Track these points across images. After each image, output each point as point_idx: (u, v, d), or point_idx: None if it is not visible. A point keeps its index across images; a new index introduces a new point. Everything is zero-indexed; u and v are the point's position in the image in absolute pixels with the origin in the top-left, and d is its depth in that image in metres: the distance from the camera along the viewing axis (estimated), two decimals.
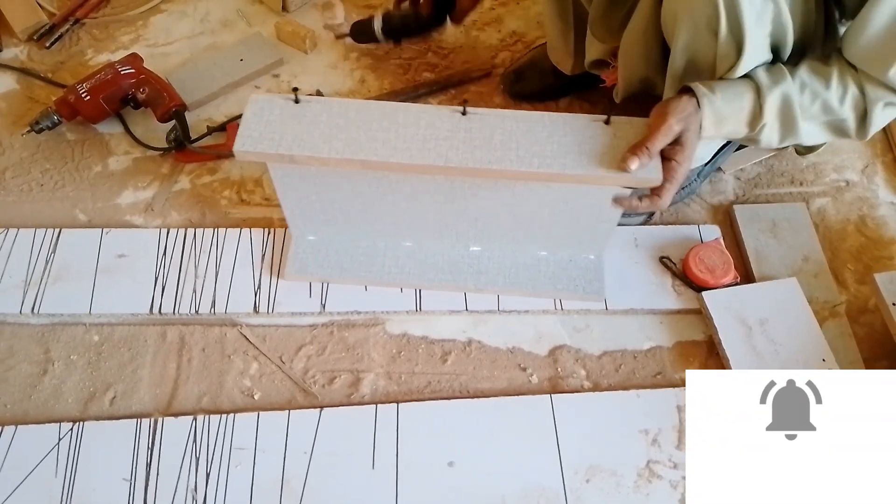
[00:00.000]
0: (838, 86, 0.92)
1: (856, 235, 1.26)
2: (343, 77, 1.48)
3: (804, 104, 0.93)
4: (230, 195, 1.28)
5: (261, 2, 1.60)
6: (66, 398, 1.06)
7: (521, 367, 1.11)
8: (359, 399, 1.07)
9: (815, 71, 0.93)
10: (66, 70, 1.47)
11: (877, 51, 0.89)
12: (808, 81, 0.92)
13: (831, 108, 0.93)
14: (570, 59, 1.30)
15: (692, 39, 0.93)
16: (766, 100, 0.92)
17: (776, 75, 0.93)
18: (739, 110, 0.94)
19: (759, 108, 0.93)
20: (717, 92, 0.92)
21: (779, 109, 0.94)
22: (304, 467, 0.99)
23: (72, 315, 1.12)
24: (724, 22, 0.88)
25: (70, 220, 1.24)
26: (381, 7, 1.58)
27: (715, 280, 1.14)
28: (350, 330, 1.13)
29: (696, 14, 0.90)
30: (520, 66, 1.43)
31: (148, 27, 1.55)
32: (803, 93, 0.93)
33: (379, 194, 1.04)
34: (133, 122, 1.36)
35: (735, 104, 0.93)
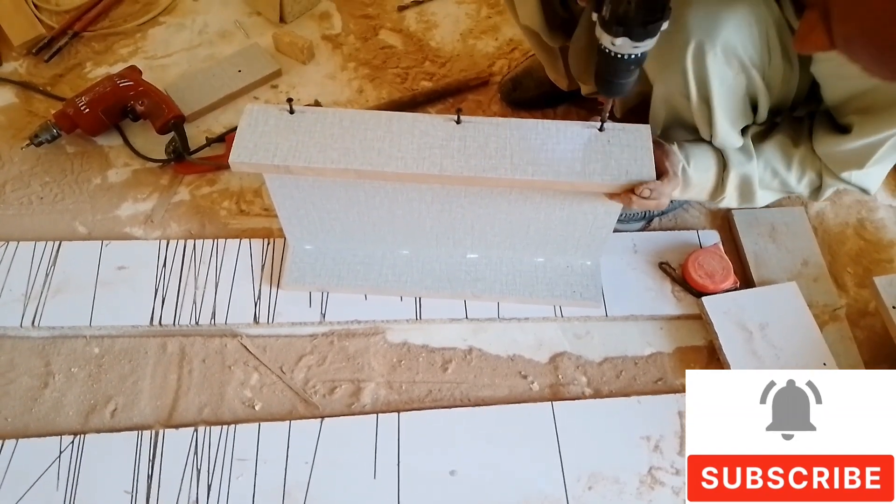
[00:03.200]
0: (798, 168, 1.01)
1: (855, 239, 1.26)
2: (341, 87, 1.48)
3: (764, 180, 1.02)
4: (230, 206, 1.28)
5: (259, 13, 1.61)
6: (66, 411, 1.06)
7: (522, 374, 1.11)
8: (360, 408, 1.07)
9: (782, 150, 1.01)
10: (65, 83, 1.48)
11: (843, 158, 0.98)
12: (771, 160, 1.01)
13: (788, 185, 1.04)
14: (565, 80, 1.30)
15: (667, 97, 0.96)
16: (728, 177, 1.00)
17: (744, 154, 0.99)
18: (705, 181, 1.01)
19: (722, 183, 1.01)
20: (690, 163, 0.98)
21: (738, 186, 1.02)
22: (306, 478, 0.99)
23: (72, 328, 1.12)
24: (693, 93, 0.90)
25: (70, 232, 1.25)
26: (378, 18, 1.59)
27: (714, 285, 1.14)
28: (350, 339, 1.13)
29: (668, 83, 0.93)
30: (516, 74, 1.44)
31: (146, 39, 1.56)
32: (765, 170, 1.01)
33: (375, 203, 1.04)
34: (132, 134, 1.37)
35: (702, 175, 1.00)
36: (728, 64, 0.86)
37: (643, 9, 0.73)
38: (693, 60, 0.86)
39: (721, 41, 0.83)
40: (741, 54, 0.85)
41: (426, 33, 1.58)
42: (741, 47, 0.84)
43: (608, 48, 0.78)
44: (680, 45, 0.85)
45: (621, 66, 0.80)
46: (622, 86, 0.84)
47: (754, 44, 0.86)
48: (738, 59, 0.85)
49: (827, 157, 1.00)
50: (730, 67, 0.86)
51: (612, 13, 0.75)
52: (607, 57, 0.80)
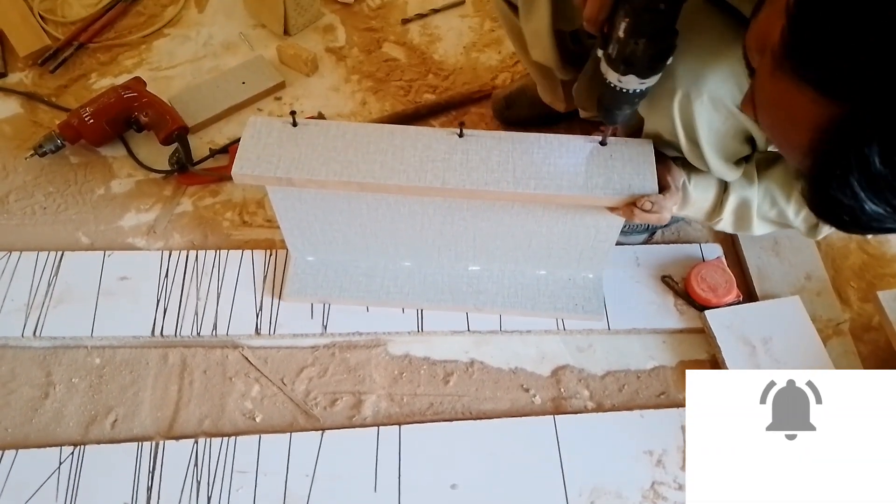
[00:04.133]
0: (798, 201, 0.99)
1: (858, 253, 1.26)
2: (345, 99, 1.49)
3: (762, 209, 1.01)
4: (232, 217, 1.29)
5: (263, 25, 1.61)
6: (67, 421, 1.05)
7: (524, 387, 1.10)
8: (361, 421, 1.06)
9: (783, 180, 0.99)
10: (69, 94, 1.48)
11: None
12: (772, 189, 0.99)
13: (786, 216, 1.02)
14: (563, 104, 1.29)
15: (657, 135, 0.95)
16: (727, 199, 0.99)
17: (746, 178, 0.98)
18: (704, 200, 1.00)
19: (720, 205, 1.00)
20: (691, 178, 0.97)
21: (735, 209, 1.01)
22: (306, 490, 0.99)
23: (73, 338, 1.12)
24: (682, 136, 0.89)
25: (72, 242, 1.25)
26: (381, 31, 1.60)
27: (717, 299, 1.14)
28: (352, 351, 1.13)
29: (657, 125, 0.92)
30: (510, 93, 1.42)
31: (151, 51, 1.57)
32: (764, 199, 1.00)
33: (377, 215, 1.04)
34: (136, 145, 1.37)
35: (702, 194, 0.99)
36: (716, 110, 0.85)
37: (650, 50, 0.74)
38: (680, 108, 0.85)
39: (707, 91, 0.82)
40: (728, 103, 0.84)
41: (429, 46, 1.58)
42: (728, 96, 0.83)
43: (614, 84, 0.79)
44: (668, 93, 0.84)
45: (625, 99, 0.81)
46: (625, 115, 0.84)
47: (742, 91, 0.85)
48: (726, 107, 0.84)
49: None
50: (718, 113, 0.85)
51: (619, 53, 0.75)
52: (612, 91, 0.80)
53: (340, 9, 1.65)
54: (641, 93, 0.80)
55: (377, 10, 1.65)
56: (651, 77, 0.78)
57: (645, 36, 0.73)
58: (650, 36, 0.73)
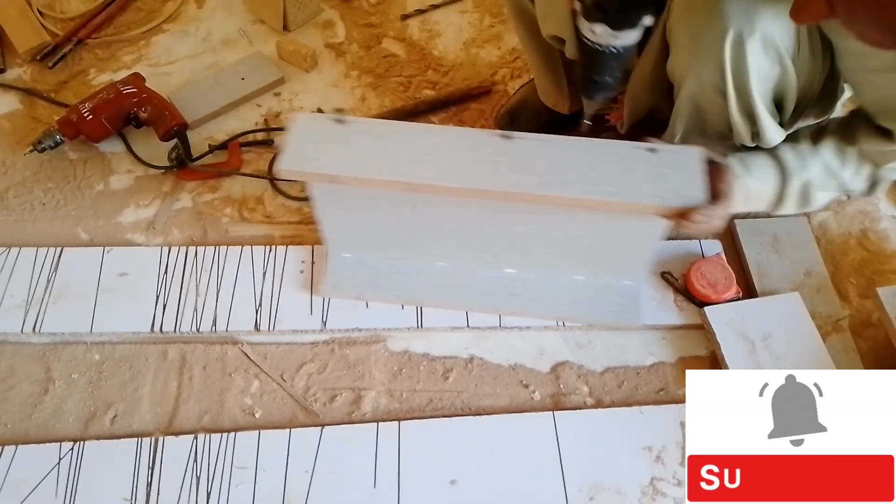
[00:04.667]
0: (855, 165, 0.98)
1: (858, 249, 1.25)
2: (344, 95, 1.48)
3: (823, 182, 0.98)
4: (231, 213, 1.29)
5: (262, 21, 1.61)
6: (66, 417, 1.05)
7: (524, 383, 1.10)
8: (360, 417, 1.07)
9: (835, 150, 0.97)
10: (68, 90, 1.48)
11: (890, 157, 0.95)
12: (827, 160, 0.97)
13: (845, 183, 1.00)
14: (567, 101, 1.28)
15: (698, 94, 0.93)
16: (789, 186, 0.97)
17: (802, 159, 0.96)
18: (764, 193, 0.98)
19: (782, 194, 0.98)
20: (751, 174, 0.95)
21: (800, 192, 0.98)
22: (306, 486, 0.99)
23: (73, 334, 1.12)
24: (731, 88, 0.88)
25: (72, 238, 1.25)
26: (381, 26, 1.60)
27: (717, 295, 1.14)
28: (351, 347, 1.13)
29: (702, 76, 0.90)
30: (512, 107, 1.40)
31: (150, 47, 1.57)
32: (824, 172, 0.97)
33: (417, 214, 1.04)
34: (135, 140, 1.37)
35: (762, 186, 0.97)
36: (766, 53, 0.83)
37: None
38: (732, 50, 0.83)
39: (760, 30, 0.80)
40: (778, 43, 0.82)
41: (429, 42, 1.58)
42: (778, 36, 0.81)
43: (588, 38, 0.78)
44: (717, 35, 0.82)
45: (602, 59, 0.79)
46: (604, 85, 0.83)
47: (790, 33, 0.84)
48: (776, 49, 0.83)
49: (875, 156, 0.97)
50: (767, 57, 0.84)
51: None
52: (588, 50, 0.79)
53: (340, 4, 1.65)
54: (617, 54, 0.78)
55: (377, 6, 1.65)
56: (625, 30, 0.76)
57: None
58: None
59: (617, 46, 0.78)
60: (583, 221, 1.01)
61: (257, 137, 1.39)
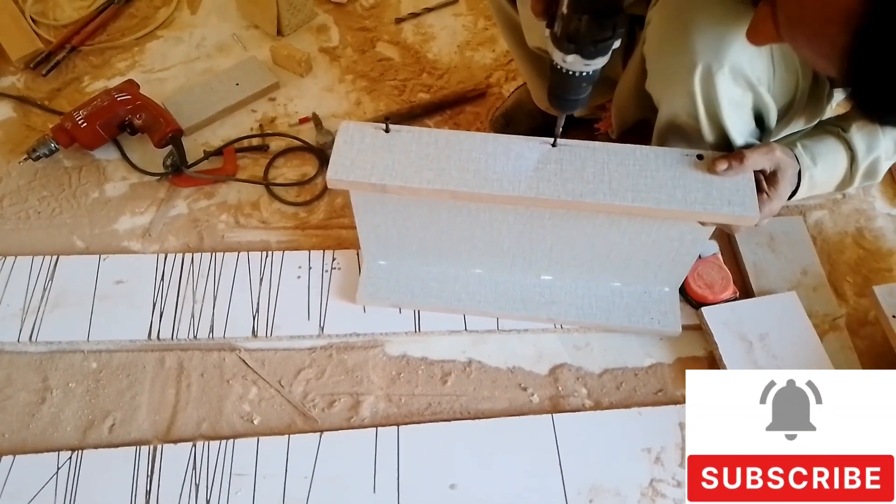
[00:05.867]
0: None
1: (854, 248, 1.26)
2: (339, 100, 1.48)
3: (889, 153, 0.96)
4: (227, 219, 1.28)
5: (256, 26, 1.61)
6: (64, 426, 1.05)
7: (522, 386, 1.10)
8: (359, 422, 1.06)
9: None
10: (62, 97, 1.48)
11: None
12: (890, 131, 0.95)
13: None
14: None
15: (673, 119, 0.94)
16: (858, 168, 0.95)
17: (872, 139, 0.94)
18: (831, 178, 0.97)
19: (850, 176, 0.96)
20: (817, 163, 0.94)
21: (866, 171, 0.97)
22: (305, 492, 0.98)
23: (70, 342, 1.12)
24: (702, 114, 0.89)
25: (68, 247, 1.24)
26: (375, 30, 1.60)
27: (714, 295, 1.14)
28: (349, 352, 1.13)
29: (675, 105, 0.91)
30: (507, 109, 1.41)
31: (144, 53, 1.56)
32: (893, 146, 0.96)
33: (456, 222, 1.03)
34: (130, 147, 1.37)
35: (829, 173, 0.96)
36: (736, 84, 0.84)
37: (593, 28, 0.73)
38: (701, 84, 0.84)
39: (729, 62, 0.82)
40: (748, 73, 0.84)
41: (423, 45, 1.58)
42: (748, 66, 0.83)
43: (560, 65, 0.78)
44: (686, 69, 0.83)
45: (573, 82, 0.80)
46: (574, 102, 0.83)
47: (761, 60, 0.85)
48: (745, 79, 0.84)
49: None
50: (738, 87, 0.85)
51: (562, 30, 0.75)
52: (559, 74, 0.79)
53: (334, 8, 1.65)
54: (588, 77, 0.79)
55: (370, 10, 1.65)
56: (596, 59, 0.76)
57: (588, 12, 0.72)
58: (593, 12, 0.72)
59: (587, 71, 0.78)
60: (626, 228, 1.00)
61: (252, 143, 1.39)
